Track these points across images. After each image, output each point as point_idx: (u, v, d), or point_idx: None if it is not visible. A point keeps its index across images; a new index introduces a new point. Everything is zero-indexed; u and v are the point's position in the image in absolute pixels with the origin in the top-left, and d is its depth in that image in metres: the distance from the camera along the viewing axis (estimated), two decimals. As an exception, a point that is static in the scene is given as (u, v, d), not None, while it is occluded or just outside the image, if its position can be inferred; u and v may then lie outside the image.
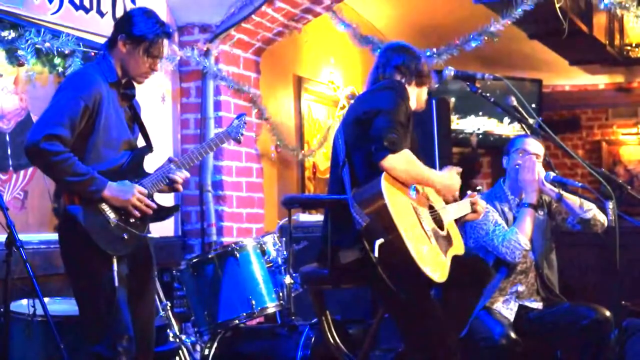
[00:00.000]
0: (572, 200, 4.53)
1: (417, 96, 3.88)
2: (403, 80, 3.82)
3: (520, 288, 4.53)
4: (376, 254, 3.31)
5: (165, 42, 3.84)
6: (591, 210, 4.52)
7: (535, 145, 4.63)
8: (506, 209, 4.62)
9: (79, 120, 3.61)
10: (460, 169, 3.87)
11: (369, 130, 3.53)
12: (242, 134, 4.20)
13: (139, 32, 3.76)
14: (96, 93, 3.66)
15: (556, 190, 4.53)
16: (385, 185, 3.40)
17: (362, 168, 3.59)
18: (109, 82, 3.75)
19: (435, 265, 3.43)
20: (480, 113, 9.44)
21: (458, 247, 3.75)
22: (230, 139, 4.17)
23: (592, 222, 4.53)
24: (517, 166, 4.60)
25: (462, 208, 3.96)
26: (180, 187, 3.95)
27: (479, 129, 9.50)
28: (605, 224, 4.51)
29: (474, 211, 4.02)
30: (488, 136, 9.53)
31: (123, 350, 3.62)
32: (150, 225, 3.91)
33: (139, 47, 3.76)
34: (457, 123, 9.42)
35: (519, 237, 4.40)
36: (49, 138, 3.53)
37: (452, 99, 9.06)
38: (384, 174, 3.44)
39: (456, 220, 3.91)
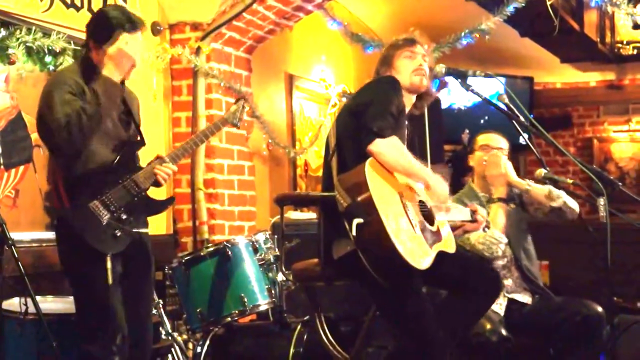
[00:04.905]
0: (539, 190, 4.52)
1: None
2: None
3: (507, 282, 4.53)
4: (354, 233, 3.28)
5: (128, 35, 3.73)
6: (560, 199, 4.49)
7: (497, 140, 4.64)
8: (478, 207, 4.62)
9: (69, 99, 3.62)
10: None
11: (360, 120, 3.52)
12: (240, 119, 4.16)
13: (100, 37, 3.71)
14: (74, 84, 3.66)
15: (524, 182, 4.53)
16: (369, 168, 3.37)
17: (351, 157, 3.56)
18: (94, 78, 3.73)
19: (417, 252, 3.35)
20: None
21: (447, 245, 3.67)
22: (228, 124, 4.14)
23: (564, 209, 4.51)
24: (483, 162, 4.60)
25: (460, 212, 3.90)
26: (161, 180, 3.88)
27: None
28: (577, 210, 4.51)
29: (474, 220, 3.97)
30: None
31: (116, 349, 3.61)
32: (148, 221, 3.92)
33: (104, 51, 3.70)
34: None
35: (493, 231, 4.39)
36: (58, 131, 3.54)
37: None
38: (370, 158, 3.42)
39: (454, 229, 3.83)
